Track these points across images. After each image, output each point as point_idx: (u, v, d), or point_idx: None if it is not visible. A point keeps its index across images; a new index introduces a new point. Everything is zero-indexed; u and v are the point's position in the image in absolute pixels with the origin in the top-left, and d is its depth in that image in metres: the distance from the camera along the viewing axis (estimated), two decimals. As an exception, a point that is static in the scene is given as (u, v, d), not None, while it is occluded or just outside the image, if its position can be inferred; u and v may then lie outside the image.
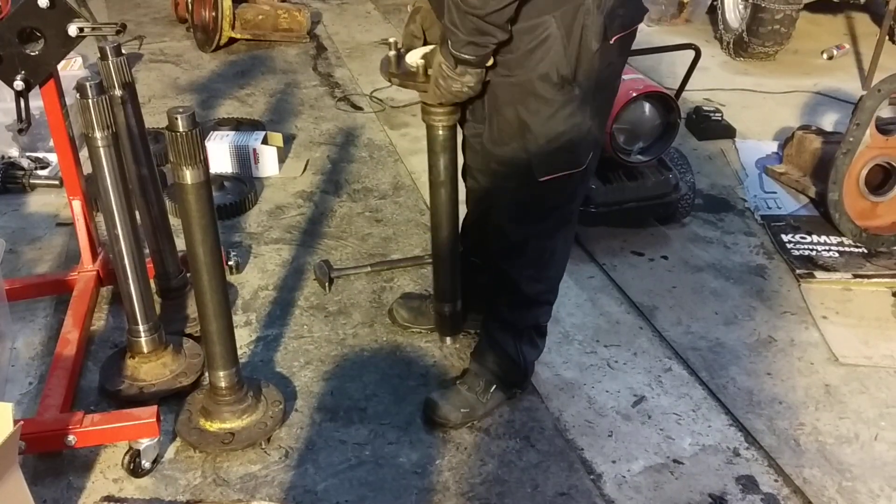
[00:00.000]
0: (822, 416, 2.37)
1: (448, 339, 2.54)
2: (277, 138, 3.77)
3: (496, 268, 2.21)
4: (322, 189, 3.57)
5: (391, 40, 2.04)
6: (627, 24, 1.87)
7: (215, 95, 4.56)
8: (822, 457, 2.23)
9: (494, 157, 2.02)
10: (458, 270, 2.41)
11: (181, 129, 1.76)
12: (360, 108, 4.43)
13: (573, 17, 1.76)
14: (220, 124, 3.93)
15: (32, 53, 2.21)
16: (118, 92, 2.23)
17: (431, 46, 2.05)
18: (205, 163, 1.83)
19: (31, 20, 2.17)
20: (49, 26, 2.19)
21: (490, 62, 1.86)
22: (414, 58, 2.00)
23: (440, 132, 2.13)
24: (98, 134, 1.99)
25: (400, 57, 2.04)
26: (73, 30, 2.20)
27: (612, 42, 1.82)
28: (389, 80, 2.05)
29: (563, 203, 2.08)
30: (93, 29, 2.23)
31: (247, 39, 5.31)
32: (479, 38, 1.76)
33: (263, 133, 3.73)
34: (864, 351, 2.64)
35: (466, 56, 1.80)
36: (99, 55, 2.22)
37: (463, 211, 2.38)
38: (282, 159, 3.73)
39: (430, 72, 1.95)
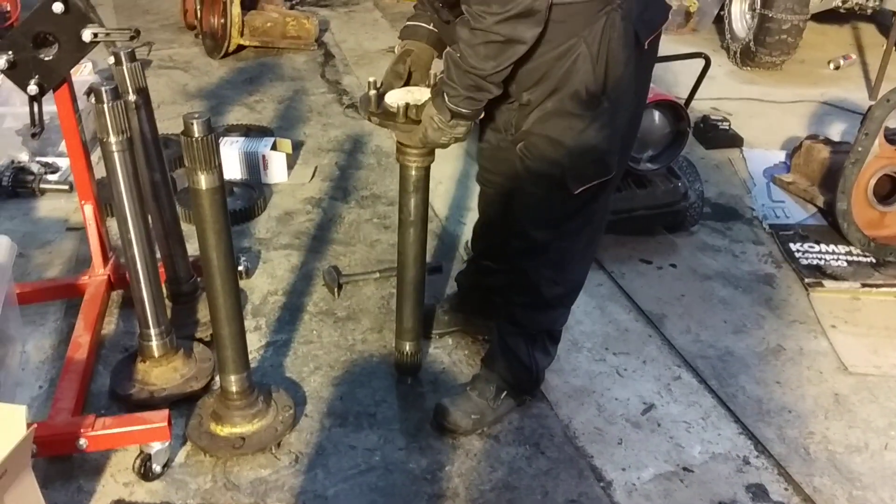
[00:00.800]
0: (831, 425, 2.37)
1: (408, 380, 2.47)
2: (286, 145, 3.78)
3: (515, 268, 2.20)
4: (330, 195, 3.58)
5: (371, 80, 2.06)
6: (657, 25, 1.89)
7: (224, 102, 4.57)
8: (832, 466, 2.23)
9: (525, 166, 2.02)
10: (421, 310, 2.38)
11: (197, 135, 1.77)
12: (367, 115, 4.44)
13: (600, 34, 1.78)
14: (230, 130, 3.94)
15: (46, 58, 2.22)
16: (132, 97, 2.24)
17: (410, 88, 2.08)
18: (219, 168, 1.84)
19: (45, 25, 2.18)
20: (63, 31, 2.19)
21: (481, 115, 1.92)
22: (394, 98, 2.02)
23: (413, 172, 2.11)
24: (113, 139, 2.00)
25: (380, 97, 2.05)
26: (87, 35, 2.21)
27: (646, 47, 1.85)
28: (369, 119, 2.06)
29: (587, 206, 2.07)
30: (107, 34, 2.24)
31: (255, 46, 5.34)
32: (477, 93, 1.82)
33: (272, 139, 3.75)
34: (873, 360, 2.64)
35: (463, 110, 1.85)
36: (113, 60, 2.22)
37: (430, 249, 2.35)
38: (290, 165, 3.74)
39: (409, 113, 1.98)
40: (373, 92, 2.04)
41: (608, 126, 1.89)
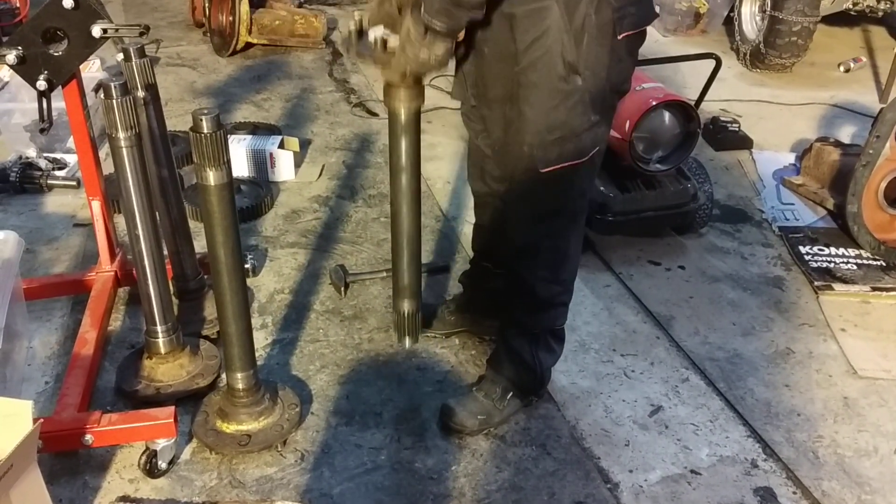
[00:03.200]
0: (840, 429, 2.36)
1: (407, 341, 2.39)
2: (294, 143, 3.78)
3: (512, 271, 2.21)
4: (338, 194, 3.57)
5: (356, 16, 1.99)
6: (638, 24, 1.86)
7: (232, 100, 4.57)
8: (841, 470, 2.21)
9: (502, 158, 2.02)
10: (419, 265, 2.29)
11: (206, 131, 1.76)
12: (375, 114, 4.44)
13: (576, 5, 1.76)
14: (237, 128, 3.93)
15: (56, 54, 2.22)
16: (141, 93, 2.24)
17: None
18: (228, 164, 1.83)
19: (55, 20, 2.18)
20: (73, 27, 2.19)
21: (461, 36, 1.85)
22: (377, 33, 1.93)
23: (402, 114, 2.02)
24: (121, 134, 2.00)
25: (362, 32, 1.98)
26: (96, 31, 2.20)
27: (619, 39, 1.81)
28: (346, 53, 2.02)
29: (570, 199, 2.05)
30: (116, 30, 2.24)
31: (263, 44, 5.33)
32: (455, 9, 1.76)
33: (280, 137, 3.74)
34: (883, 364, 2.62)
35: (437, 26, 1.78)
36: (122, 56, 2.22)
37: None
38: (298, 164, 3.74)
39: (389, 45, 1.89)
40: (353, 26, 1.98)
41: (580, 105, 1.87)
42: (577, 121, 1.89)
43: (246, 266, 2.83)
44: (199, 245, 2.58)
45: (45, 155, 3.61)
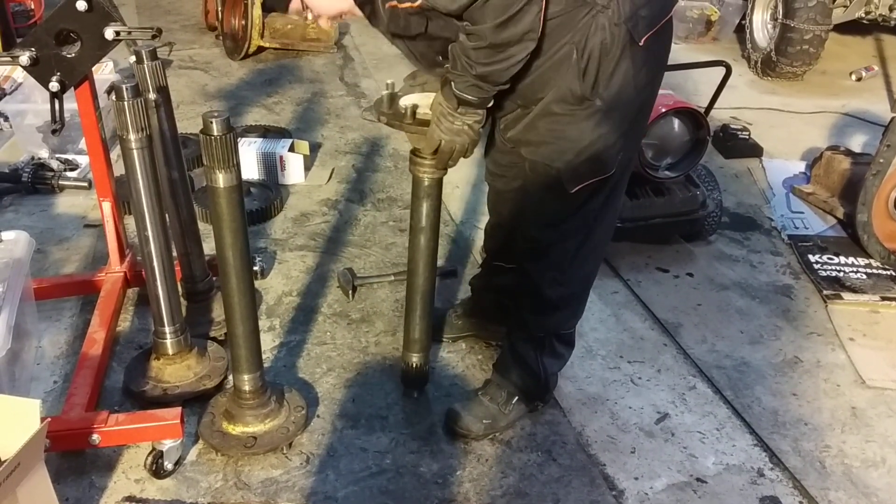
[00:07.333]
0: (848, 439, 2.34)
1: (414, 394, 2.42)
2: (304, 146, 3.79)
3: (520, 269, 2.20)
4: (347, 197, 3.58)
5: (389, 81, 2.06)
6: (655, 21, 1.84)
7: (243, 103, 4.60)
8: (847, 480, 2.20)
9: (528, 161, 2.02)
10: (430, 321, 2.34)
11: (216, 133, 1.77)
12: (385, 119, 4.44)
13: (585, 36, 1.77)
14: (248, 131, 3.95)
15: (68, 55, 2.23)
16: (152, 95, 2.25)
17: (427, 94, 2.06)
18: (238, 167, 1.84)
19: (68, 22, 2.19)
20: (86, 29, 2.20)
21: (490, 104, 1.90)
22: (407, 101, 2.02)
23: (426, 181, 2.09)
24: (132, 136, 2.01)
25: (393, 98, 2.05)
26: (109, 33, 2.21)
27: (641, 44, 1.81)
28: (378, 119, 2.05)
29: (586, 205, 2.03)
30: (129, 33, 2.25)
31: (275, 48, 5.37)
32: (482, 83, 1.81)
33: (290, 141, 3.76)
34: (891, 374, 2.61)
35: (469, 97, 1.84)
36: (135, 59, 2.24)
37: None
38: (308, 167, 3.75)
39: (418, 113, 1.96)
40: (385, 92, 2.04)
41: (603, 124, 1.87)
42: (602, 141, 1.89)
43: (254, 268, 2.84)
44: (208, 247, 2.59)
45: (56, 156, 3.63)
